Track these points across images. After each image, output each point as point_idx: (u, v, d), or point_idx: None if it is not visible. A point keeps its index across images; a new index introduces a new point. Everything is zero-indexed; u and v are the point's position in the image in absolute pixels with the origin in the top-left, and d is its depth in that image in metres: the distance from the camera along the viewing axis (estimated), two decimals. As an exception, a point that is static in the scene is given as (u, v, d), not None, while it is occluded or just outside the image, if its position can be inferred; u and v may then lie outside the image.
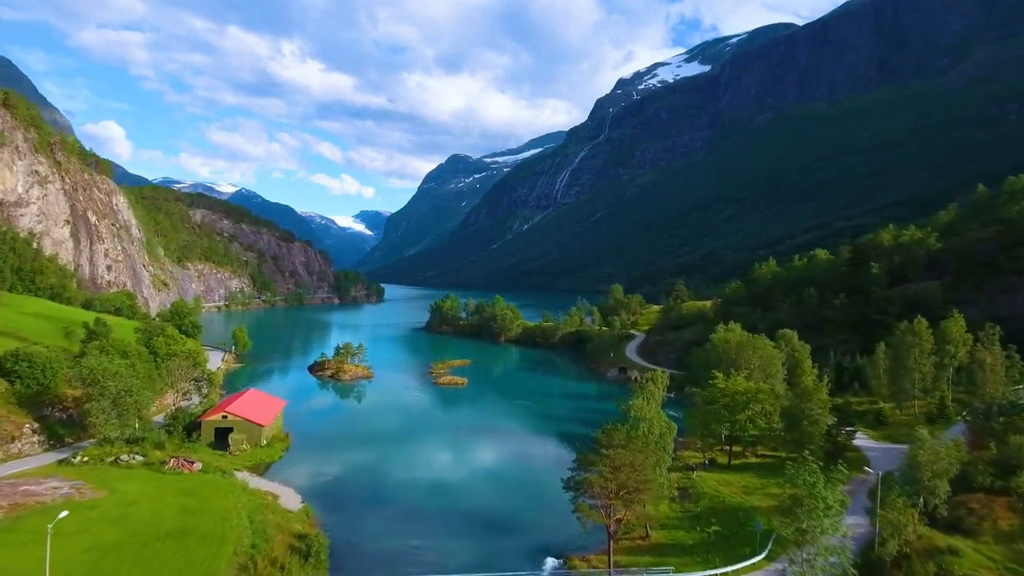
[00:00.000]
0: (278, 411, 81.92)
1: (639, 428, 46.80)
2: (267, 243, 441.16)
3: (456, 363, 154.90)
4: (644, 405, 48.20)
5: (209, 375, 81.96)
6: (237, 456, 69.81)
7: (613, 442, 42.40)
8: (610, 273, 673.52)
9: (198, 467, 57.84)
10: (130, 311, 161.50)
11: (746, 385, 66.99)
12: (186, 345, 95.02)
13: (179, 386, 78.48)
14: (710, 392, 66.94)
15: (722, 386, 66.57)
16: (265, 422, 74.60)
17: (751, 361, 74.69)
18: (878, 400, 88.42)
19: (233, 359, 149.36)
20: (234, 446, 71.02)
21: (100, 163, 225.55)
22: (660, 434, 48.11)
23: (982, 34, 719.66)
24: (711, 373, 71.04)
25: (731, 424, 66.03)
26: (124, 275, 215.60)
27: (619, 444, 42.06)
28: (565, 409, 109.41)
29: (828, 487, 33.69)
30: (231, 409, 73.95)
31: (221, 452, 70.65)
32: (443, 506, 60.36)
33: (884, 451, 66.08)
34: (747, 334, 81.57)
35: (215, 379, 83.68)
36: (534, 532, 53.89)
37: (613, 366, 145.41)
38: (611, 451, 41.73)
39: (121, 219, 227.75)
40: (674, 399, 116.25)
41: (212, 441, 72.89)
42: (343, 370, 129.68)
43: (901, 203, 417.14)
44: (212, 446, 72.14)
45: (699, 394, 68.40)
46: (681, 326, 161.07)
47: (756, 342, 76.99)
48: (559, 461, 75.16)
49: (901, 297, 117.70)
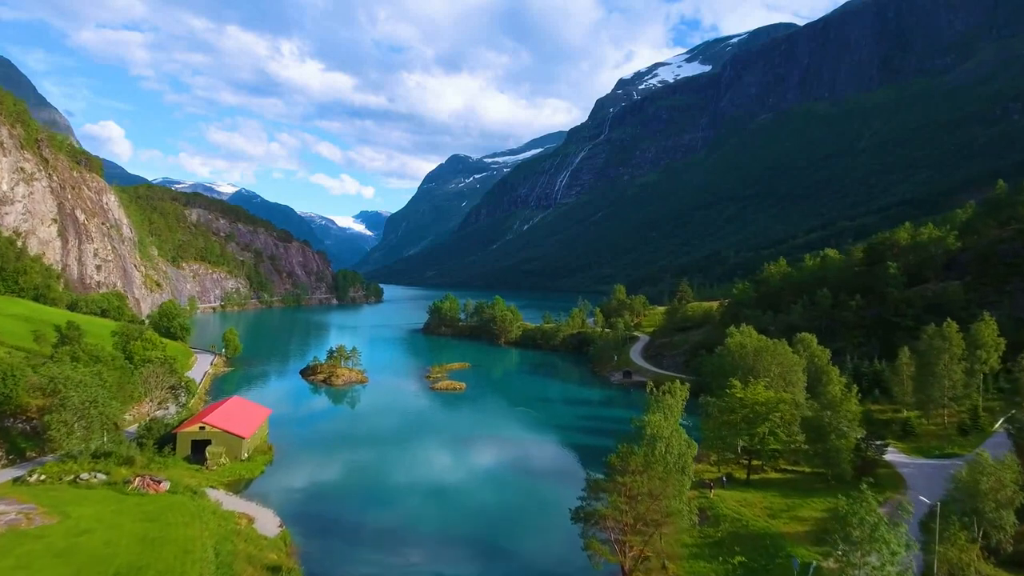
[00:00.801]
0: (261, 421, 76.49)
1: (656, 448, 41.23)
2: (264, 243, 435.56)
3: (455, 366, 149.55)
4: (662, 421, 42.64)
5: (187, 383, 76.56)
6: (214, 471, 64.43)
7: (629, 467, 36.89)
8: (610, 273, 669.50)
9: (165, 487, 52.42)
10: (118, 312, 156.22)
11: (767, 395, 61.56)
12: (165, 349, 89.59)
13: (154, 395, 73.07)
14: (727, 402, 61.50)
15: (740, 395, 61.13)
16: (246, 433, 69.15)
17: (770, 368, 69.21)
18: (902, 408, 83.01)
19: (223, 362, 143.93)
20: (211, 460, 65.64)
21: (90, 160, 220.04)
22: (679, 454, 42.56)
23: (985, 33, 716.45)
24: (727, 381, 65.58)
25: (750, 437, 60.63)
26: (114, 275, 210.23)
27: (636, 470, 36.59)
28: (568, 417, 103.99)
29: (891, 529, 28.33)
30: (209, 420, 68.49)
31: (198, 467, 65.30)
32: (437, 529, 54.99)
33: (918, 468, 60.65)
34: (764, 339, 75.88)
35: (192, 387, 78.27)
36: (538, 561, 48.50)
37: (617, 370, 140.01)
38: (627, 478, 36.29)
39: (112, 218, 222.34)
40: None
41: (188, 454, 67.54)
42: (336, 374, 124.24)
43: (905, 202, 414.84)
44: (188, 460, 66.76)
45: (714, 404, 62.92)
46: (687, 328, 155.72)
47: (775, 348, 71.49)
48: (564, 476, 69.86)
49: (919, 298, 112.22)
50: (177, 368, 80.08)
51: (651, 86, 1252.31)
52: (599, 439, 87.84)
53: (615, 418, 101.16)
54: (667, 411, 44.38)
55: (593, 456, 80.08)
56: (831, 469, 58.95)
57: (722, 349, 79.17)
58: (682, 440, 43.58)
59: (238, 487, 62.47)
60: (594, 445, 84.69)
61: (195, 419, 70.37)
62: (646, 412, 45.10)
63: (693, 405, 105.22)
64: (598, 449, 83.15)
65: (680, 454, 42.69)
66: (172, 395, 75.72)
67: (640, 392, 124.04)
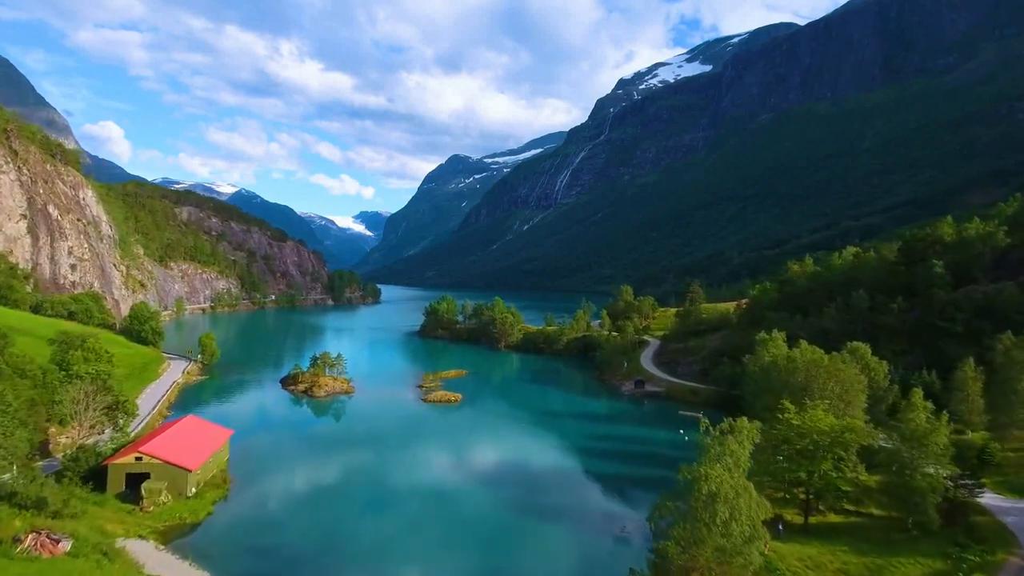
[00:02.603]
0: (219, 445, 64.63)
1: (716, 514, 29.47)
2: (258, 242, 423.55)
3: (450, 374, 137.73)
4: (725, 476, 30.87)
5: (124, 403, 64.55)
6: (150, 513, 52.62)
7: (672, 538, 25.04)
8: (611, 274, 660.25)
9: (65, 547, 40.48)
10: (86, 315, 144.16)
11: (829, 421, 49.78)
12: (111, 360, 77.73)
13: (83, 417, 61.30)
14: (781, 430, 49.78)
15: (797, 423, 49.38)
16: (193, 464, 57.26)
17: (826, 387, 57.44)
18: (965, 430, 71.37)
19: (198, 370, 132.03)
20: (148, 498, 53.77)
21: (65, 153, 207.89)
22: (749, 521, 30.67)
23: (987, 33, 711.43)
24: (775, 400, 53.79)
25: (809, 473, 48.92)
26: (91, 275, 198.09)
27: (682, 540, 24.73)
28: (576, 435, 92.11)
29: None
30: (147, 448, 56.61)
31: (132, 507, 53.49)
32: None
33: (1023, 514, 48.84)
34: (817, 351, 63.58)
35: (130, 408, 66.40)
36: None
37: (627, 378, 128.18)
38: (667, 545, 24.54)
39: (89, 214, 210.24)
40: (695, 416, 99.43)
41: (123, 490, 55.74)
42: (318, 384, 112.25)
43: (910, 202, 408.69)
44: (121, 497, 54.97)
45: (763, 431, 51.09)
46: (702, 332, 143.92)
47: (835, 363, 59.48)
48: (574, 517, 58.14)
49: (967, 300, 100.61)
50: (112, 384, 68.09)
51: (651, 86, 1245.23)
52: (613, 465, 76.18)
53: (629, 437, 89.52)
54: (731, 459, 32.59)
55: (609, 488, 68.35)
56: (912, 515, 47.28)
57: (765, 362, 66.84)
58: (752, 501, 31.76)
59: (177, 535, 50.60)
60: (609, 473, 73.13)
61: (132, 447, 58.48)
62: (700, 460, 33.29)
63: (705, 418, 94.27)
64: (613, 479, 71.17)
65: (751, 521, 30.89)
66: (107, 417, 63.85)
67: (655, 404, 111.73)
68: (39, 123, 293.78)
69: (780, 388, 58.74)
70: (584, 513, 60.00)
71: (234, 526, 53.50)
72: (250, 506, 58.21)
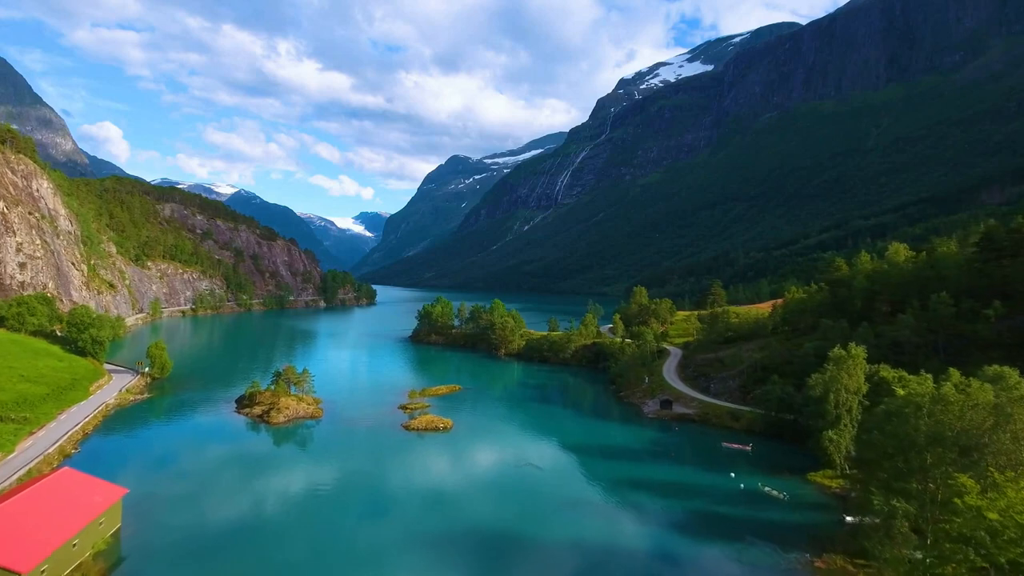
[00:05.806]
0: (95, 515, 44.77)
1: None
2: (246, 241, 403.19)
3: (441, 390, 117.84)
4: None
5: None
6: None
7: None
8: (613, 275, 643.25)
9: None
10: (17, 321, 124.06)
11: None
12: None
13: None
14: (961, 525, 30.01)
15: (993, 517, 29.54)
16: (27, 560, 37.27)
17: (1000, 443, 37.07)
18: None
19: (144, 386, 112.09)
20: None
21: (17, 140, 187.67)
22: None
23: (995, 29, 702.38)
24: (923, 469, 33.78)
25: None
26: (44, 275, 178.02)
27: None
28: (595, 477, 72.20)
29: None
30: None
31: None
32: None
33: None
34: (986, 387, 41.95)
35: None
36: None
37: (649, 396, 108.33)
38: None
39: (44, 208, 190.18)
40: (743, 449, 79.68)
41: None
42: (278, 407, 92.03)
43: (923, 200, 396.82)
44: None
45: (911, 518, 31.35)
46: (733, 340, 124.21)
47: (1016, 405, 38.82)
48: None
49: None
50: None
51: (653, 85, 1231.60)
52: (648, 527, 55.97)
53: (665, 484, 69.17)
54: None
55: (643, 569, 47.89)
56: None
57: (895, 405, 43.58)
58: None
59: None
60: (638, 548, 52.33)
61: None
62: None
63: (762, 461, 73.46)
64: (650, 557, 50.60)
65: None
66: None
67: (686, 430, 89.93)
68: (36, 123, 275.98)
69: (924, 446, 37.83)
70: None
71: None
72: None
